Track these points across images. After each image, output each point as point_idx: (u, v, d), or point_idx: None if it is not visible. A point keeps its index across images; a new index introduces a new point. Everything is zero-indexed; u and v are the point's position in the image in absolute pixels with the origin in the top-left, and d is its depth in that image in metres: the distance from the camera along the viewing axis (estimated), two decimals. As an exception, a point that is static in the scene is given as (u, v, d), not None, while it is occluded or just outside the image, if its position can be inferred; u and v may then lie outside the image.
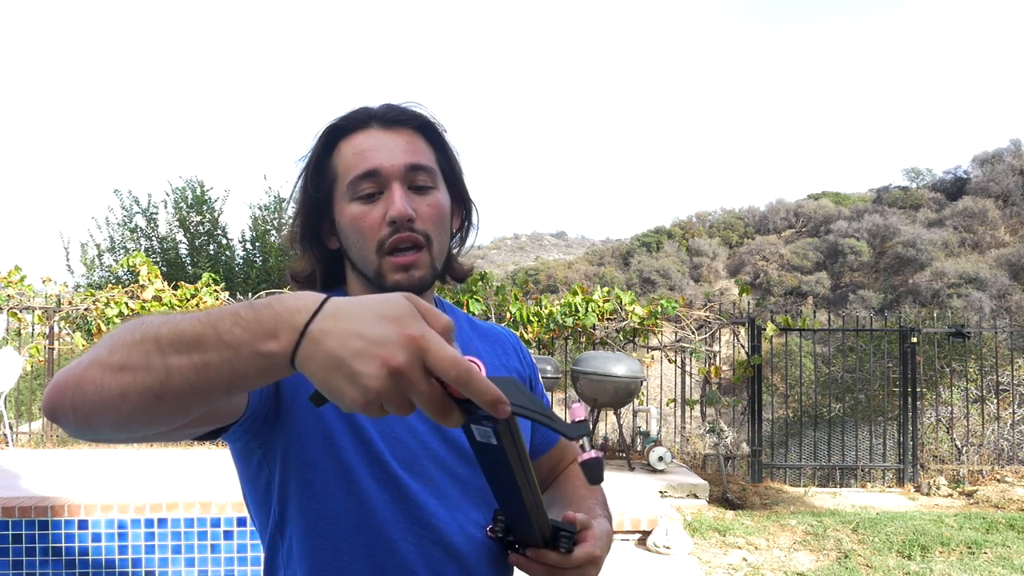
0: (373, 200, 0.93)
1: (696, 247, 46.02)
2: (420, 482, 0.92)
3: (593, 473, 0.68)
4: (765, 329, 7.01)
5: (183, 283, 7.42)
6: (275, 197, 10.83)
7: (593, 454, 0.67)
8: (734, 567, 4.48)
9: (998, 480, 6.75)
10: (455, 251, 1.05)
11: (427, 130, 0.98)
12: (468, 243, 1.08)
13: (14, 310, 7.36)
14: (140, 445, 7.31)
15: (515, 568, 0.92)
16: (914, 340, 7.03)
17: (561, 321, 7.12)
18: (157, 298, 7.17)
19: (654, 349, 7.47)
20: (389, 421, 0.91)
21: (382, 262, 0.93)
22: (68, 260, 10.35)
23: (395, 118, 0.96)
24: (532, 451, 1.10)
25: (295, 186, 1.01)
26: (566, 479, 1.12)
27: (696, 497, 5.78)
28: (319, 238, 1.01)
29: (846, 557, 4.66)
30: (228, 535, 3.89)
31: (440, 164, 0.99)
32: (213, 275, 7.54)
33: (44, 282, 7.71)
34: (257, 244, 10.54)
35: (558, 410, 6.90)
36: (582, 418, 0.66)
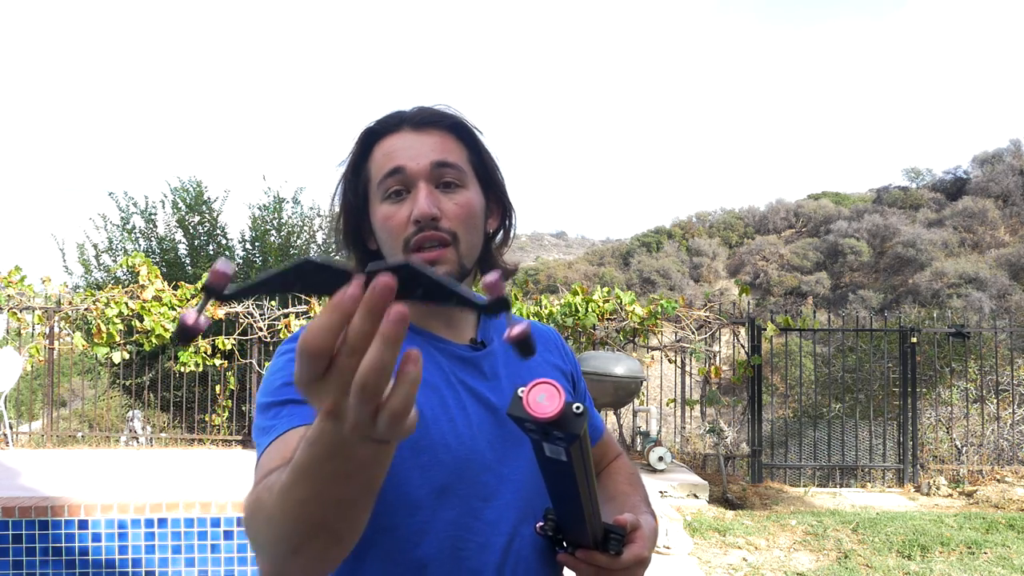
0: (401, 200, 0.94)
1: (696, 247, 46.01)
2: (469, 473, 0.91)
3: (523, 347, 0.60)
4: (765, 329, 7.01)
5: (183, 283, 7.42)
6: (275, 197, 10.81)
7: (522, 327, 0.59)
8: (734, 567, 4.48)
9: (998, 480, 6.75)
10: (495, 251, 1.05)
11: (459, 130, 0.99)
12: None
13: (14, 310, 7.35)
14: (140, 445, 7.31)
15: (563, 566, 0.94)
16: (914, 340, 7.03)
17: (561, 321, 7.12)
18: (157, 298, 7.17)
19: (654, 349, 7.47)
20: (437, 417, 0.91)
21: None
22: (65, 260, 10.35)
23: (426, 120, 0.97)
24: None
25: (335, 190, 1.03)
26: (608, 476, 1.13)
27: (696, 497, 5.78)
28: (361, 240, 1.02)
29: (846, 557, 4.66)
30: (228, 535, 3.89)
31: (472, 163, 0.99)
32: (213, 275, 7.53)
33: (44, 282, 7.71)
34: (257, 244, 10.52)
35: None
36: (501, 293, 0.58)
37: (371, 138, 0.99)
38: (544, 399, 0.65)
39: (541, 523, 0.91)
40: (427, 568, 0.88)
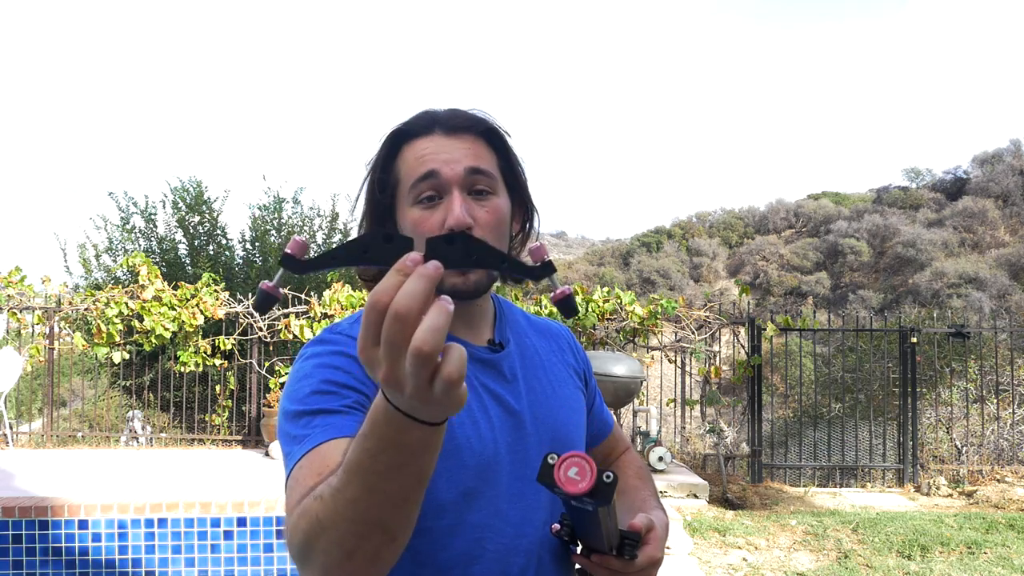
0: (433, 205, 0.94)
1: (696, 247, 46.02)
2: (492, 476, 0.93)
3: (567, 308, 0.66)
4: (765, 329, 7.01)
5: (183, 283, 7.41)
6: (275, 197, 10.82)
7: (566, 290, 0.65)
8: (734, 567, 4.48)
9: (998, 480, 6.75)
10: (515, 252, 1.06)
11: (490, 136, 0.99)
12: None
13: (14, 310, 7.35)
14: (140, 445, 7.31)
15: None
16: (914, 340, 7.03)
17: (561, 321, 7.12)
18: (157, 298, 7.16)
19: (654, 349, 7.47)
20: (462, 421, 0.92)
21: None
22: (66, 260, 10.35)
23: (458, 124, 0.97)
24: (588, 441, 1.13)
25: (360, 188, 1.03)
26: (617, 470, 1.15)
27: (696, 497, 5.78)
28: None
29: (846, 557, 4.66)
30: (228, 535, 3.89)
31: (502, 169, 1.00)
32: (213, 275, 7.53)
33: (44, 282, 7.70)
34: (257, 244, 10.51)
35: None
36: (546, 258, 0.65)
37: (400, 138, 0.98)
38: (575, 473, 0.67)
39: (557, 526, 0.93)
40: (454, 569, 0.89)
